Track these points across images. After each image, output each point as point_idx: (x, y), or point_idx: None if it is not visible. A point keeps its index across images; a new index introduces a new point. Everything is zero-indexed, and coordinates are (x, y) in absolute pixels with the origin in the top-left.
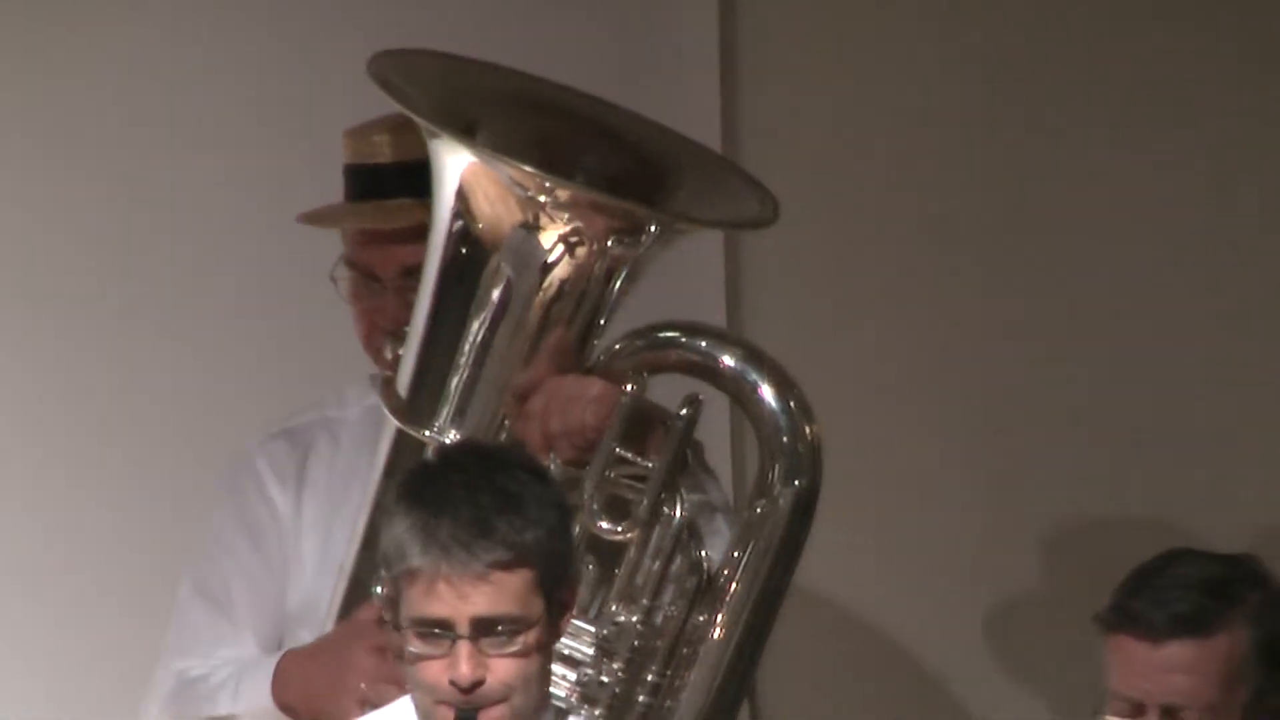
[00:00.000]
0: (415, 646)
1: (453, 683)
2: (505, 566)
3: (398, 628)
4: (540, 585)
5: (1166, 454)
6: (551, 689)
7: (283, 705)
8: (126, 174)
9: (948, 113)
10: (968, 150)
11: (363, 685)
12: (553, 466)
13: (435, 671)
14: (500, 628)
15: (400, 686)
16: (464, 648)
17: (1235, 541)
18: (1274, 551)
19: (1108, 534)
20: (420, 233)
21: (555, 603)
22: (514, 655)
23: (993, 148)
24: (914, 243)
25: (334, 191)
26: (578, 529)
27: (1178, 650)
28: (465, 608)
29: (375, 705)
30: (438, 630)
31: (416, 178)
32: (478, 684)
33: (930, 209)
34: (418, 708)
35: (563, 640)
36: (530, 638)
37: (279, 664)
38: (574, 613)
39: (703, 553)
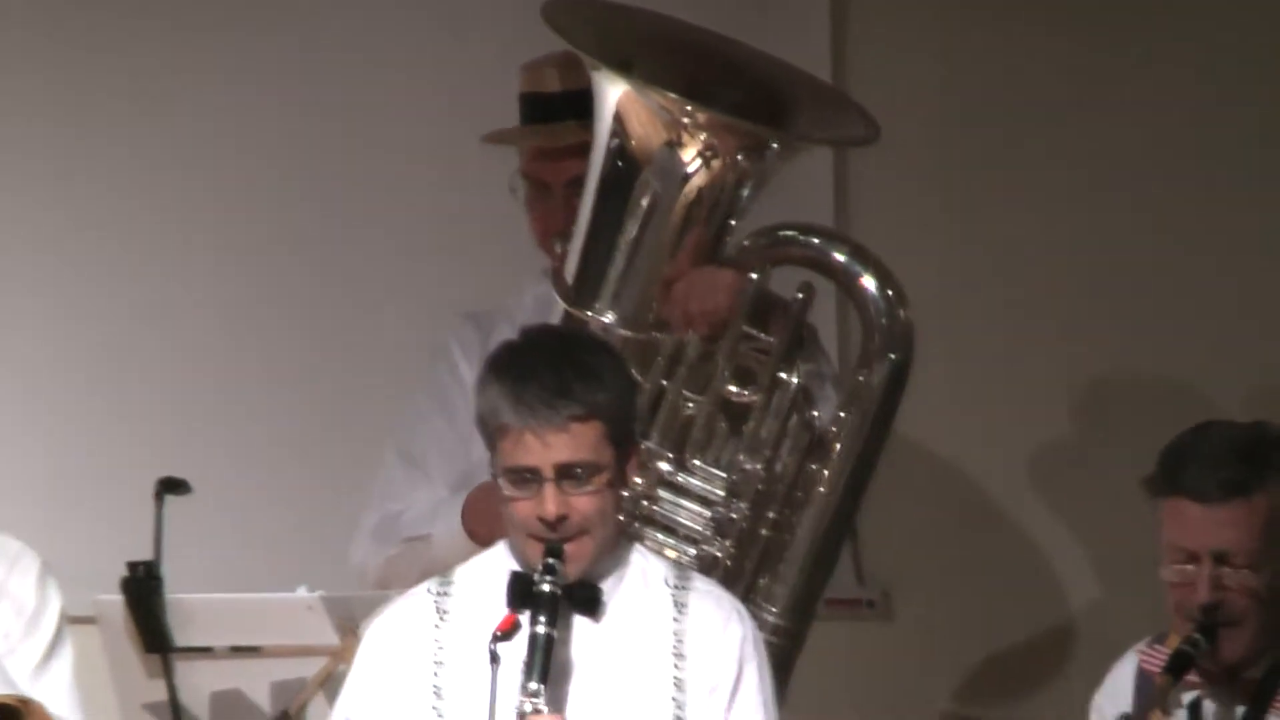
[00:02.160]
0: (509, 491)
1: (541, 519)
2: (580, 419)
3: (495, 478)
4: (609, 437)
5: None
6: (688, 522)
7: (468, 528)
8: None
9: (1012, 57)
10: (1038, 86)
11: None
12: (692, 341)
13: (526, 510)
14: (578, 471)
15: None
16: (549, 489)
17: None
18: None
19: (1144, 394)
20: (582, 150)
21: (623, 452)
22: (590, 494)
23: (1065, 85)
24: (990, 163)
25: (507, 118)
26: (712, 392)
27: (1227, 510)
28: (549, 455)
29: None
30: (527, 475)
31: (579, 104)
32: (561, 519)
33: (997, 141)
34: (513, 546)
35: (697, 483)
36: (603, 479)
37: (468, 496)
38: (638, 463)
39: (814, 413)
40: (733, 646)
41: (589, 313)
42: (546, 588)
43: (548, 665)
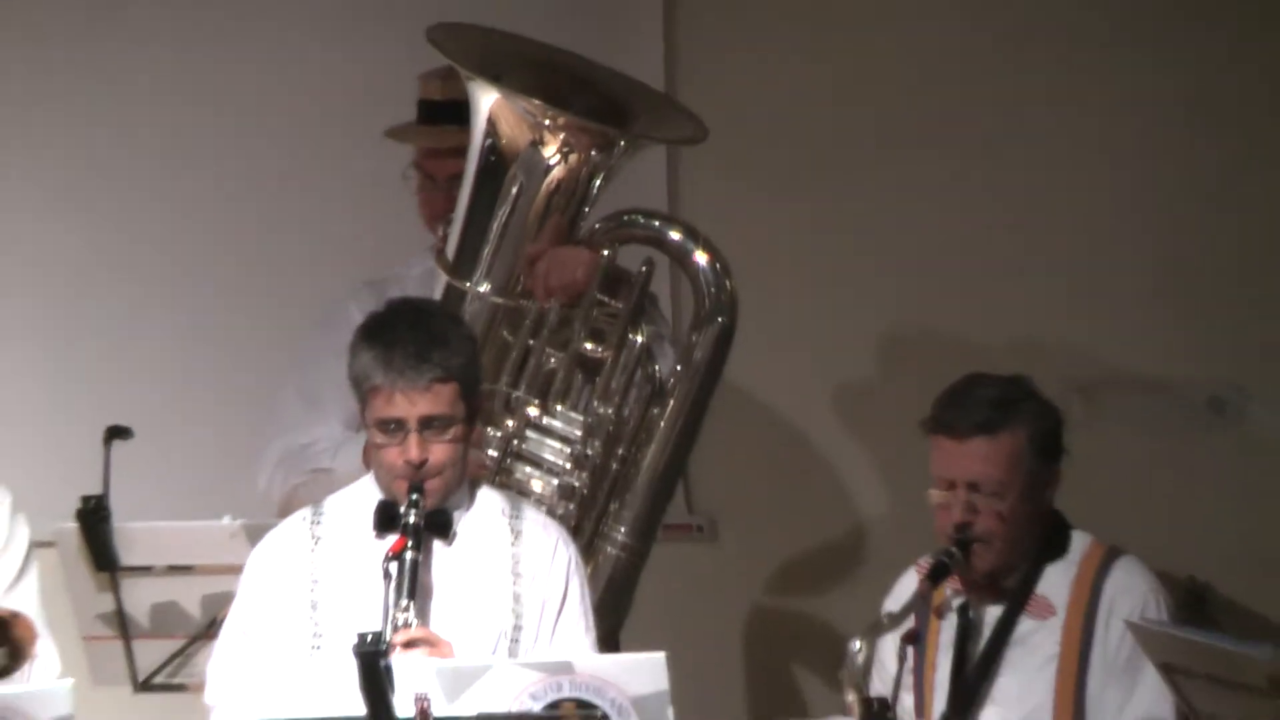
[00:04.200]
0: (379, 439)
1: (406, 462)
2: (440, 381)
3: (367, 427)
4: (462, 395)
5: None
6: (551, 458)
7: (367, 463)
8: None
9: (820, 69)
10: (840, 96)
11: None
12: (553, 308)
13: (393, 455)
14: (436, 423)
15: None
16: (413, 438)
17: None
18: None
19: (927, 342)
20: (463, 150)
21: (472, 407)
22: (447, 442)
23: (862, 95)
24: (801, 155)
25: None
26: (570, 350)
27: (979, 445)
28: (414, 410)
29: None
30: (394, 426)
31: (462, 110)
32: (423, 462)
33: (806, 137)
34: (380, 484)
35: (559, 425)
36: (458, 431)
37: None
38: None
39: (655, 367)
40: (561, 568)
41: (467, 284)
42: (413, 519)
43: (415, 584)
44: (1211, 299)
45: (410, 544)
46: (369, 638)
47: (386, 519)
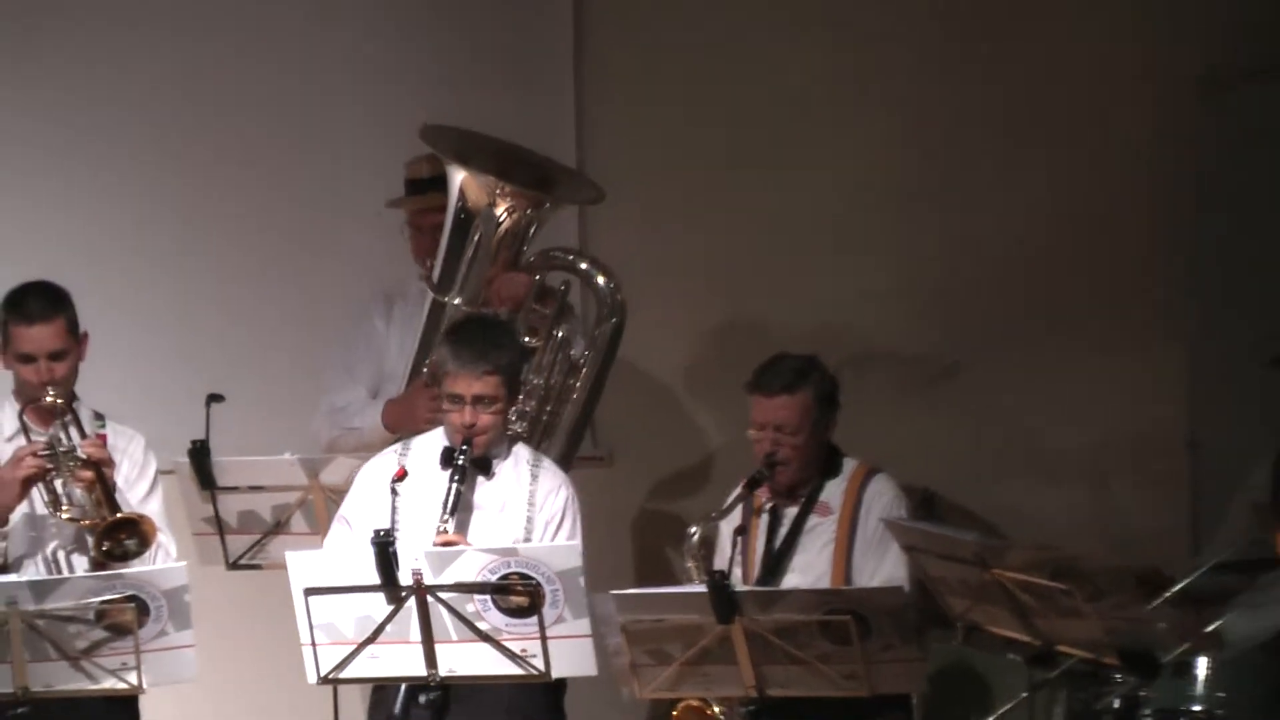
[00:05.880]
0: (447, 405)
1: (462, 424)
2: (490, 374)
3: (441, 398)
4: (505, 383)
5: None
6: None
7: (384, 422)
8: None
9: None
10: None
11: (425, 415)
12: (503, 313)
13: (454, 417)
14: (484, 401)
15: (441, 413)
16: (468, 408)
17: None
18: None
19: (757, 325)
20: (441, 209)
21: (512, 391)
22: (490, 414)
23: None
24: (665, 212)
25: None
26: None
27: (781, 400)
28: (469, 390)
29: (434, 424)
30: (457, 398)
31: (440, 182)
32: (472, 425)
33: (672, 194)
34: (446, 433)
35: None
36: (499, 407)
37: (385, 404)
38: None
39: (572, 351)
40: (560, 503)
41: (446, 299)
42: (461, 461)
43: (457, 505)
44: (944, 297)
45: (457, 478)
46: (381, 532)
47: (447, 458)
